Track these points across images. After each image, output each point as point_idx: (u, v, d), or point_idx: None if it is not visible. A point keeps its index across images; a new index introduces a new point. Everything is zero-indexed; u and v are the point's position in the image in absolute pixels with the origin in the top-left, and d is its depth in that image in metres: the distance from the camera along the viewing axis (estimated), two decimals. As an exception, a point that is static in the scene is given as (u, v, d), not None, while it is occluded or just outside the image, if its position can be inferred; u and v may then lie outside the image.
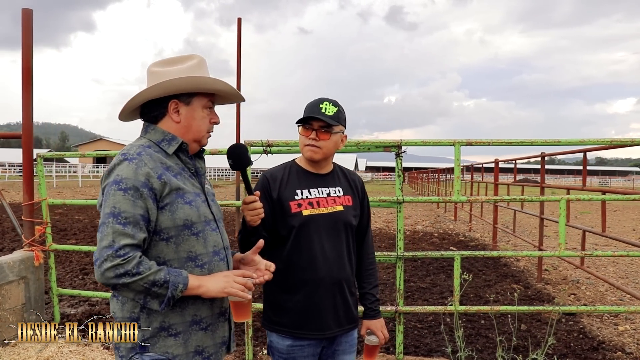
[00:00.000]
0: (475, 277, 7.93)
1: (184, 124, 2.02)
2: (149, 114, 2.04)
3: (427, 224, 15.94)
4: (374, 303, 2.62)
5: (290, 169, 2.57)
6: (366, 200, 2.69)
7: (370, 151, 4.45)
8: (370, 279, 2.65)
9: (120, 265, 1.74)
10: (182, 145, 2.01)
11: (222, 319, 2.07)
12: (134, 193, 1.81)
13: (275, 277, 2.51)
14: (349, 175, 2.66)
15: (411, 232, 13.98)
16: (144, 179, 1.84)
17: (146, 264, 1.78)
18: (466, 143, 4.23)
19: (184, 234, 1.92)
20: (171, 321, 1.91)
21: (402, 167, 4.34)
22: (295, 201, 2.46)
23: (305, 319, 2.45)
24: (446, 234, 13.52)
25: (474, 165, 17.27)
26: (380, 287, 7.21)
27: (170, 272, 1.83)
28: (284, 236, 2.47)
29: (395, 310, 4.30)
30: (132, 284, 1.76)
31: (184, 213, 1.92)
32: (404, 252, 4.33)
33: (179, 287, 1.82)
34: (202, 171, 2.13)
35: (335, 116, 2.44)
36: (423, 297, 6.77)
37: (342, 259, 2.50)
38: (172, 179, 1.91)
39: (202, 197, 2.04)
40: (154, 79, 2.00)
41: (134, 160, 1.86)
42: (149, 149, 1.94)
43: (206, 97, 2.05)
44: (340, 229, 2.50)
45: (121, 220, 1.78)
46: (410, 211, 20.87)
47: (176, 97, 2.00)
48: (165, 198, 1.89)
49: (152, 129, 2.03)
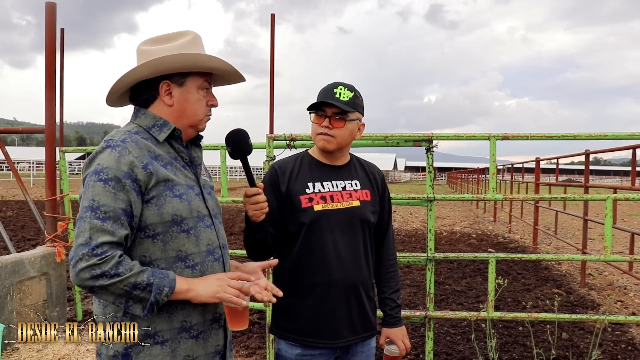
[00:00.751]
0: (513, 281, 7.57)
1: (177, 107, 1.81)
2: (138, 97, 1.83)
3: (465, 225, 15.52)
4: (395, 309, 2.36)
5: (302, 160, 2.34)
6: (387, 195, 2.44)
7: (400, 145, 4.18)
8: (391, 283, 2.40)
9: (96, 266, 1.54)
10: (174, 132, 1.80)
11: (216, 326, 1.85)
12: (115, 184, 1.61)
13: (284, 279, 2.28)
14: (368, 168, 2.41)
15: (448, 232, 13.61)
16: (126, 168, 1.63)
17: (127, 264, 1.58)
18: (502, 137, 3.91)
19: (172, 231, 1.71)
20: (157, 327, 1.70)
21: (434, 165, 4.06)
22: (306, 195, 2.23)
23: (316, 325, 2.22)
24: (485, 235, 13.10)
25: (514, 164, 16.72)
26: (413, 289, 6.98)
27: (155, 273, 1.62)
28: (294, 234, 2.24)
29: (425, 315, 4.02)
30: (111, 287, 1.56)
31: (173, 207, 1.70)
32: (434, 254, 4.05)
33: (164, 291, 1.61)
34: (199, 161, 1.92)
35: (351, 102, 2.20)
36: (457, 301, 6.45)
37: (358, 260, 2.25)
38: (159, 169, 1.70)
39: (195, 189, 1.82)
40: (143, 58, 1.78)
41: (117, 148, 1.65)
42: (136, 135, 1.73)
43: (201, 76, 1.83)
44: (356, 226, 2.26)
45: (100, 215, 1.58)
46: (448, 211, 20.41)
47: (168, 78, 1.78)
48: (152, 190, 1.67)
49: (143, 114, 1.81)
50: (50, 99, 5.19)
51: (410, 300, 6.39)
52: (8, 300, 4.67)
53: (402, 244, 11.01)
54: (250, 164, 1.97)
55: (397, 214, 18.23)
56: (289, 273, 2.25)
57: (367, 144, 4.24)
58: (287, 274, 2.27)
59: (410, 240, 11.77)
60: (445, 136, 4.07)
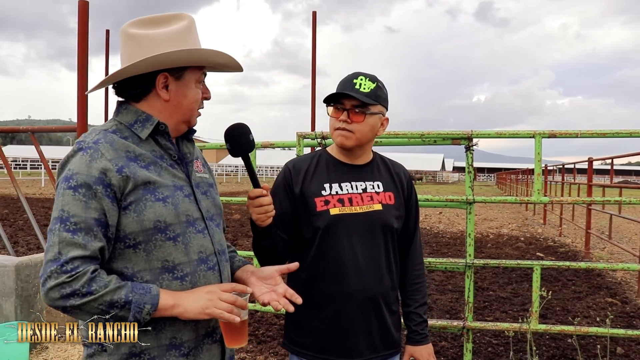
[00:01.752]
0: (563, 288, 7.16)
1: (174, 102, 1.62)
2: (129, 90, 1.63)
3: (513, 227, 14.97)
4: (420, 325, 2.13)
5: (319, 159, 2.13)
6: (413, 198, 2.20)
7: (437, 144, 3.92)
8: (416, 296, 2.16)
9: (66, 284, 1.38)
10: (158, 127, 1.61)
11: (209, 341, 1.66)
12: (85, 192, 1.44)
13: (298, 289, 2.07)
14: (393, 168, 2.18)
15: (495, 235, 13.12)
16: (98, 174, 1.45)
17: (101, 281, 1.41)
18: (549, 135, 3.60)
19: (155, 239, 1.52)
20: (143, 345, 1.52)
21: (478, 165, 3.78)
22: (321, 197, 2.02)
23: (331, 341, 2.01)
24: (533, 238, 12.58)
25: (565, 165, 16.03)
26: (455, 295, 6.66)
27: (135, 289, 1.44)
28: (308, 240, 2.04)
29: (463, 325, 3.75)
30: (84, 306, 1.40)
31: (155, 213, 1.52)
32: (473, 260, 3.76)
33: (145, 309, 1.43)
34: (190, 157, 1.72)
35: (373, 94, 1.98)
36: (502, 309, 6.11)
37: (379, 270, 2.03)
38: (138, 172, 1.52)
39: (185, 190, 1.63)
40: (134, 44, 1.59)
41: (89, 151, 1.48)
42: (113, 134, 1.55)
43: (199, 69, 1.65)
44: (377, 233, 2.04)
45: (69, 227, 1.41)
46: (496, 213, 19.80)
47: (166, 70, 1.60)
48: (129, 196, 1.49)
49: (125, 109, 1.63)
50: (82, 99, 5.14)
51: (451, 307, 6.10)
52: (37, 299, 4.64)
53: (446, 246, 10.66)
54: (252, 163, 1.77)
55: (443, 215, 17.80)
56: (303, 283, 2.05)
57: (403, 142, 4.00)
58: (302, 284, 2.06)
59: (455, 243, 11.38)
60: (486, 134, 3.78)
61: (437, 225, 15.05)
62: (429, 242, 11.45)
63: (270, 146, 4.47)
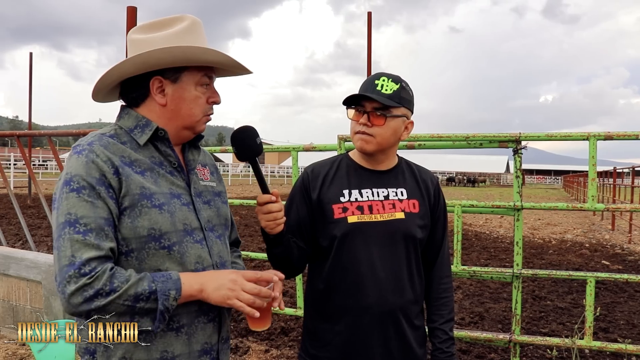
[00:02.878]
0: (630, 299, 6.72)
1: (171, 106, 1.56)
2: (127, 94, 1.59)
3: (578, 233, 14.30)
4: (445, 342, 1.97)
5: (340, 163, 2.02)
6: (441, 206, 2.05)
7: (483, 147, 3.72)
8: (442, 311, 2.01)
9: (87, 286, 1.33)
10: (157, 133, 1.55)
11: (207, 358, 1.58)
12: (90, 192, 1.39)
13: (315, 300, 1.98)
14: (419, 174, 2.04)
15: (558, 241, 12.56)
16: (98, 174, 1.41)
17: (121, 276, 1.36)
18: (604, 137, 3.34)
19: (149, 247, 1.47)
20: (134, 357, 1.47)
21: (521, 167, 3.56)
22: (340, 204, 1.91)
23: (347, 356, 1.90)
24: (599, 244, 11.95)
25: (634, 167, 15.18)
26: (510, 304, 6.36)
27: (155, 278, 1.40)
28: (325, 248, 1.93)
29: (510, 339, 3.54)
30: (110, 306, 1.35)
31: (149, 220, 1.46)
32: (521, 270, 3.54)
33: (171, 296, 1.39)
34: (193, 164, 1.65)
35: (395, 95, 1.85)
36: (559, 320, 5.78)
37: (400, 282, 1.90)
38: (132, 176, 1.46)
39: (183, 199, 1.56)
40: (132, 49, 1.55)
41: (84, 152, 1.44)
42: (109, 138, 1.51)
43: (200, 70, 1.57)
44: (398, 243, 1.90)
45: (80, 229, 1.36)
46: (560, 218, 19.00)
47: (160, 73, 1.53)
48: (124, 200, 1.44)
49: (126, 114, 1.59)
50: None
51: (504, 317, 5.82)
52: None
53: (505, 252, 10.26)
54: (259, 167, 1.68)
55: (504, 220, 17.21)
56: (320, 293, 1.95)
57: (447, 145, 3.83)
58: (319, 294, 1.96)
59: (509, 250, 10.96)
60: (536, 136, 3.55)
61: (497, 230, 14.57)
62: (487, 247, 11.09)
63: (312, 149, 4.39)
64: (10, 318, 4.87)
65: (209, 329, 1.58)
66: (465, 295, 6.88)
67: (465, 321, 5.66)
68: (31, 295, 4.72)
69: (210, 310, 1.58)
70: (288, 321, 5.38)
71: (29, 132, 6.07)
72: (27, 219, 6.14)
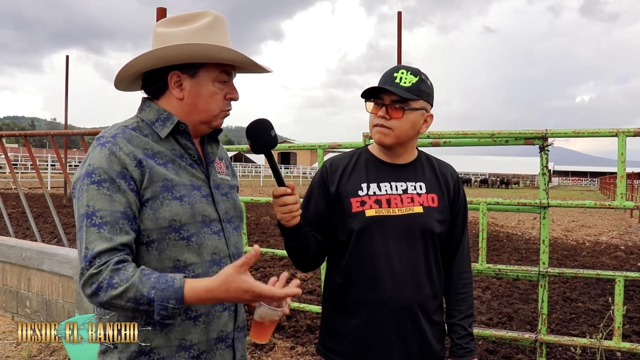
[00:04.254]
0: (665, 301, 6.55)
1: (188, 101, 1.59)
2: (148, 86, 1.64)
3: (613, 235, 13.99)
4: (464, 338, 1.96)
5: (359, 157, 2.02)
6: (460, 201, 2.04)
7: (509, 144, 3.68)
8: (462, 306, 2.00)
9: (93, 276, 1.35)
10: (178, 126, 1.59)
11: (223, 346, 1.61)
12: (109, 185, 1.43)
13: (333, 293, 2.00)
14: (439, 168, 2.04)
15: (592, 243, 12.32)
16: (119, 167, 1.45)
17: (124, 273, 1.35)
18: (634, 133, 3.27)
19: (169, 238, 1.50)
20: (153, 344, 1.51)
21: (547, 165, 3.52)
22: (358, 198, 1.92)
23: (364, 350, 1.90)
24: (636, 247, 11.66)
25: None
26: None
27: (157, 284, 1.34)
28: (343, 242, 1.94)
29: (535, 339, 3.49)
30: (114, 301, 1.34)
31: (170, 211, 1.49)
32: (548, 268, 3.49)
33: (169, 305, 1.33)
34: (212, 157, 1.69)
35: (414, 88, 1.86)
36: (590, 322, 5.67)
37: (417, 277, 1.90)
38: (155, 168, 1.50)
39: (203, 190, 1.60)
40: (156, 43, 1.59)
41: (107, 145, 1.47)
42: (133, 131, 1.55)
43: (218, 67, 1.60)
44: (416, 237, 1.90)
45: (96, 221, 1.40)
46: (595, 220, 18.60)
47: (178, 68, 1.57)
48: (146, 191, 1.48)
49: (148, 106, 1.63)
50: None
51: (533, 318, 5.73)
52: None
53: (536, 253, 10.09)
54: (275, 160, 1.70)
55: (537, 221, 16.92)
56: (338, 287, 1.97)
57: (472, 142, 3.79)
58: (337, 288, 1.98)
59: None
60: (563, 133, 3.49)
61: (529, 232, 14.35)
62: (518, 248, 10.94)
63: (338, 147, 4.40)
64: (44, 312, 5.01)
65: (225, 317, 1.60)
66: (494, 295, 6.80)
67: (493, 321, 5.60)
68: (63, 289, 4.84)
69: None
70: (314, 319, 5.40)
71: (62, 132, 6.23)
72: (62, 218, 6.32)
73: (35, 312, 5.06)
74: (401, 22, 11.54)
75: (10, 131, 7.15)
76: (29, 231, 9.90)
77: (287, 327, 5.22)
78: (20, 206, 14.04)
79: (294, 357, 4.53)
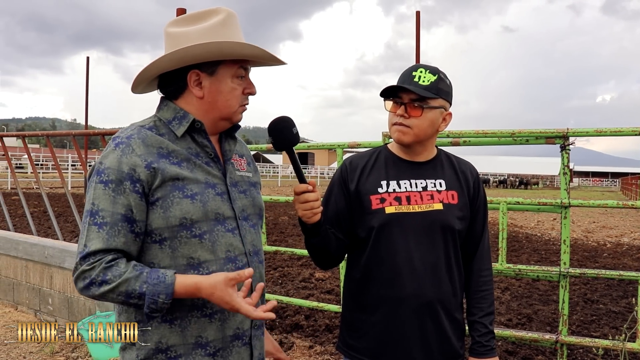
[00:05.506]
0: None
1: (208, 99, 1.61)
2: (166, 87, 1.66)
3: (635, 236, 13.79)
4: (485, 336, 1.95)
5: (378, 155, 2.03)
6: (481, 198, 2.04)
7: (529, 143, 3.65)
8: (482, 304, 1.99)
9: (85, 272, 1.43)
10: (194, 124, 1.61)
11: (239, 344, 1.62)
12: (115, 187, 1.47)
13: (352, 290, 2.00)
14: (459, 165, 2.04)
15: (614, 244, 12.16)
16: (127, 169, 1.48)
17: (117, 270, 1.42)
18: (657, 132, 3.23)
19: (181, 236, 1.52)
20: (169, 342, 1.53)
21: (568, 164, 3.48)
22: (377, 195, 1.92)
23: (384, 347, 1.90)
24: (659, 248, 11.51)
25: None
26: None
27: (149, 278, 1.42)
28: (363, 239, 1.94)
29: (556, 339, 3.45)
30: (106, 295, 1.42)
31: (181, 210, 1.51)
32: (569, 269, 3.45)
33: (159, 300, 1.41)
34: (229, 155, 1.70)
35: (433, 86, 1.86)
36: (612, 324, 5.60)
37: (437, 273, 1.90)
38: (167, 168, 1.52)
39: (218, 188, 1.61)
40: (169, 42, 1.61)
41: (121, 146, 1.51)
42: (148, 130, 1.57)
43: (236, 63, 1.61)
44: (436, 234, 1.90)
45: (97, 220, 1.45)
46: (617, 221, 18.36)
47: (197, 67, 1.59)
48: (156, 191, 1.50)
49: (165, 106, 1.65)
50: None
51: (553, 319, 5.68)
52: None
53: (556, 254, 10.00)
54: (297, 157, 1.71)
55: (556, 222, 16.75)
56: (357, 283, 1.97)
57: (492, 141, 3.77)
58: (356, 285, 1.98)
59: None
60: (585, 132, 3.45)
61: (549, 232, 14.21)
62: (537, 249, 10.85)
63: (357, 146, 4.40)
64: (66, 309, 5.08)
65: (240, 315, 1.62)
66: (513, 296, 6.75)
67: (512, 322, 5.55)
68: (85, 287, 4.90)
69: None
70: (333, 318, 5.40)
71: (84, 132, 6.31)
72: (82, 217, 6.43)
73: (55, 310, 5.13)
74: (419, 22, 11.49)
75: (33, 131, 7.26)
76: (51, 230, 10.04)
77: (305, 327, 5.24)
78: (42, 205, 14.26)
79: (312, 357, 4.54)
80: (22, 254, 5.49)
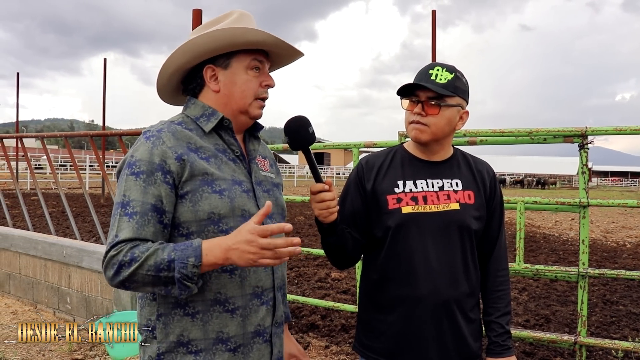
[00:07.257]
0: None
1: (225, 92, 1.64)
2: (187, 86, 1.70)
3: (656, 237, 13.60)
4: (502, 336, 1.94)
5: (395, 155, 2.02)
6: (497, 198, 2.02)
7: (547, 142, 3.61)
8: (499, 304, 1.97)
9: (114, 257, 1.43)
10: (223, 122, 1.63)
11: (260, 340, 1.63)
12: (146, 178, 1.48)
13: (369, 290, 2.00)
14: (475, 165, 2.02)
15: (634, 245, 12.00)
16: (158, 160, 1.50)
17: (142, 247, 1.42)
18: (679, 130, 3.18)
19: (208, 230, 1.53)
20: (191, 336, 1.54)
21: (587, 163, 3.44)
22: (394, 195, 1.91)
23: (400, 347, 1.89)
24: (680, 249, 11.33)
25: None
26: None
27: (177, 247, 1.42)
28: (379, 239, 1.94)
29: (575, 341, 3.42)
30: (135, 276, 1.41)
31: (210, 204, 1.52)
32: (588, 269, 3.42)
33: (189, 263, 1.39)
34: (254, 154, 1.73)
35: (450, 85, 1.85)
36: (632, 326, 5.52)
37: (454, 273, 1.88)
38: (196, 161, 1.53)
39: (244, 186, 1.62)
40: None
41: (152, 139, 1.53)
42: (177, 125, 1.59)
43: (249, 54, 1.64)
44: (453, 234, 1.89)
45: (128, 211, 1.46)
46: (637, 221, 18.09)
47: (212, 62, 1.63)
48: (186, 184, 1.51)
49: (193, 103, 1.68)
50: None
51: (571, 320, 5.61)
52: (152, 292, 4.91)
53: (574, 255, 9.89)
54: (313, 157, 1.71)
55: (574, 222, 16.59)
56: (374, 283, 1.96)
57: (510, 140, 3.74)
58: (372, 285, 1.98)
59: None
60: (603, 130, 3.42)
61: (567, 232, 14.06)
62: (555, 249, 10.73)
63: (373, 145, 4.39)
64: (84, 308, 5.13)
65: (262, 311, 1.62)
66: (531, 297, 6.68)
67: (530, 323, 5.50)
68: (102, 286, 4.94)
69: (263, 294, 1.62)
70: (349, 318, 5.39)
71: (101, 132, 6.37)
72: (100, 217, 6.48)
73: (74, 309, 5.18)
74: (435, 21, 11.44)
75: (51, 132, 7.34)
76: (69, 230, 10.14)
77: (321, 327, 5.23)
78: (60, 205, 14.41)
79: (328, 357, 4.53)
80: (41, 254, 5.56)
